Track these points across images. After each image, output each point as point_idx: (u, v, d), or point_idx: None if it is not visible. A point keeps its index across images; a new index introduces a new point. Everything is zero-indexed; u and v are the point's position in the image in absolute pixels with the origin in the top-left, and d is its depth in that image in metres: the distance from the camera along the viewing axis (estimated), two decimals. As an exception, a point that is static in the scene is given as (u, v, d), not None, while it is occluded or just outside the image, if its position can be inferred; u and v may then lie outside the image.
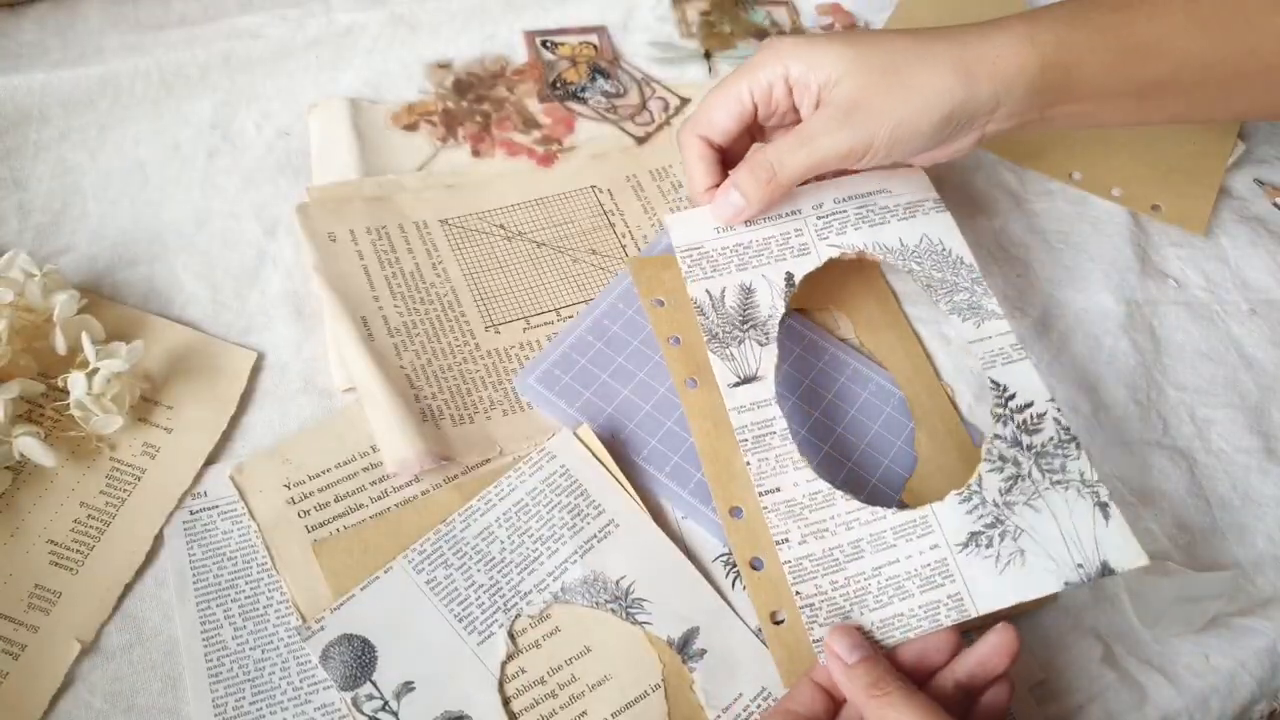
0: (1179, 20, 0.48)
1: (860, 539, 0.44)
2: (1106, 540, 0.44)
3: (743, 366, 0.47)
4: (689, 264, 0.49)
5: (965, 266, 0.51)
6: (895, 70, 0.46)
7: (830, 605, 0.42)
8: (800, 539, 0.43)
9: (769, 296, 0.49)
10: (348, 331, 0.50)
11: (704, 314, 0.48)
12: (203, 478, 0.47)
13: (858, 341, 0.55)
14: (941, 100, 0.46)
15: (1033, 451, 0.46)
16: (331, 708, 0.42)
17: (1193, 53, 0.48)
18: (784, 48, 0.48)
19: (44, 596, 0.43)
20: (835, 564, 0.43)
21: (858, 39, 0.48)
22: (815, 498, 0.44)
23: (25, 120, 0.57)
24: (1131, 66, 0.48)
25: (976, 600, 0.42)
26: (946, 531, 0.44)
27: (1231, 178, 0.67)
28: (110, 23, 0.62)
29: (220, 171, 0.58)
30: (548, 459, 0.48)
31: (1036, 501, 0.45)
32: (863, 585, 0.43)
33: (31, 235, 0.54)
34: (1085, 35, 0.47)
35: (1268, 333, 0.60)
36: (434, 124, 0.62)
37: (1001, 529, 0.44)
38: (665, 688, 0.44)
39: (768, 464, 0.45)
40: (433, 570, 0.45)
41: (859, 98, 0.46)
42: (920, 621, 0.42)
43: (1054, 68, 0.47)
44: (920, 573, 0.43)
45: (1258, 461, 0.55)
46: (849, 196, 0.52)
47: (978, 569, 0.43)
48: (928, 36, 0.48)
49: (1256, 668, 0.48)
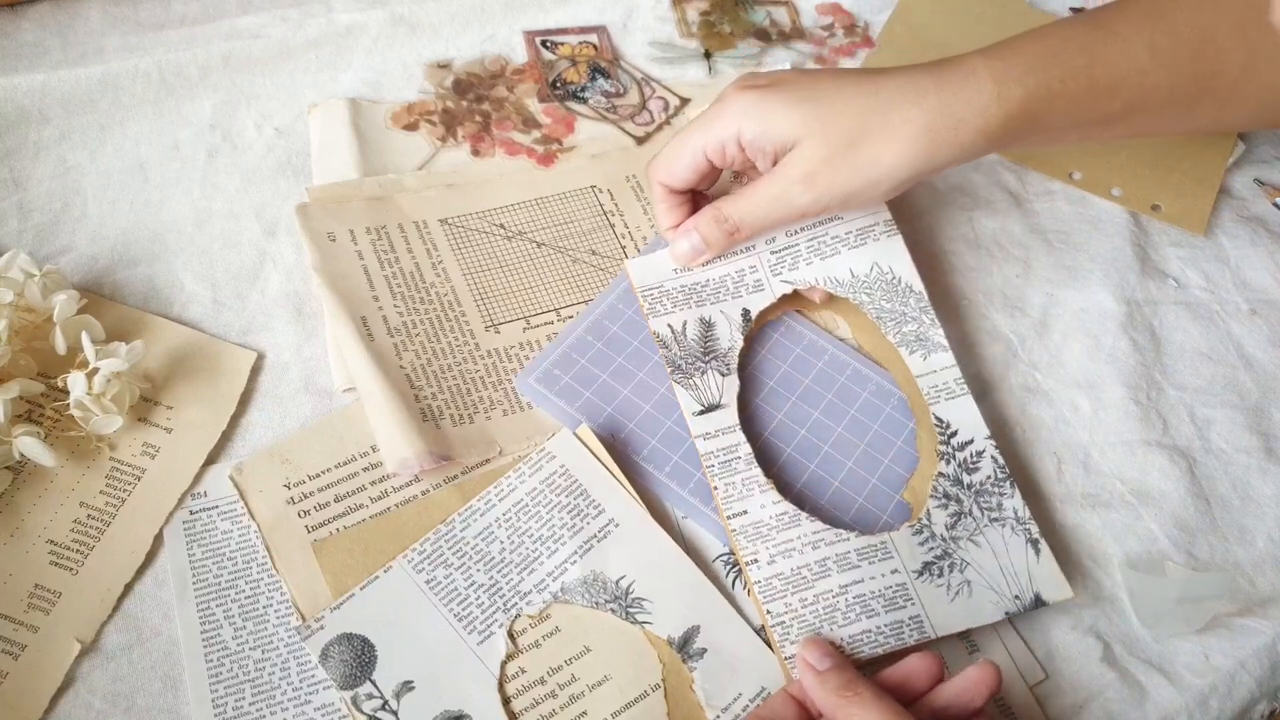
0: (1143, 56, 0.48)
1: (826, 558, 0.45)
2: (1039, 574, 0.47)
3: (706, 395, 0.49)
4: (650, 302, 0.52)
5: (914, 295, 0.53)
6: (855, 145, 0.46)
7: (801, 622, 0.44)
8: (769, 559, 0.45)
9: (728, 330, 0.51)
10: (347, 331, 0.50)
11: (666, 347, 0.50)
12: (203, 478, 0.47)
13: (856, 343, 0.55)
14: (899, 173, 0.47)
15: (972, 490, 0.48)
16: (331, 708, 0.42)
17: (1158, 85, 0.49)
18: (738, 106, 0.48)
19: (44, 596, 0.43)
20: (804, 582, 0.44)
21: (819, 94, 0.47)
22: (782, 519, 0.46)
23: (25, 120, 0.57)
24: (1097, 103, 0.49)
25: (934, 624, 0.45)
26: (903, 559, 0.46)
27: (1231, 178, 0.67)
28: (110, 23, 0.62)
29: (220, 171, 0.58)
30: (548, 459, 0.48)
31: (978, 537, 0.47)
32: (831, 603, 0.44)
33: (31, 235, 0.54)
34: (1052, 82, 0.47)
35: (1268, 333, 0.60)
36: (434, 124, 0.62)
37: (950, 561, 0.46)
38: (665, 687, 0.44)
39: (734, 488, 0.46)
40: (433, 570, 0.45)
41: (818, 169, 0.47)
42: (887, 639, 0.44)
43: (1020, 118, 0.47)
44: (884, 594, 0.45)
45: (1258, 461, 0.55)
46: (800, 229, 0.54)
47: (932, 596, 0.45)
48: (892, 94, 0.47)
49: (1256, 667, 0.48)
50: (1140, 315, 0.59)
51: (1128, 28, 0.48)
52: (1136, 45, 0.48)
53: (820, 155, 0.47)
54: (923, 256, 0.60)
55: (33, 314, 0.48)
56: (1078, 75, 0.47)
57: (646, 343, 0.52)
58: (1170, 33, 0.48)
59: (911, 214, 0.62)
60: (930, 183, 0.64)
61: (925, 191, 0.63)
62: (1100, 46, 0.48)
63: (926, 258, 0.60)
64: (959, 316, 0.58)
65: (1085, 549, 0.50)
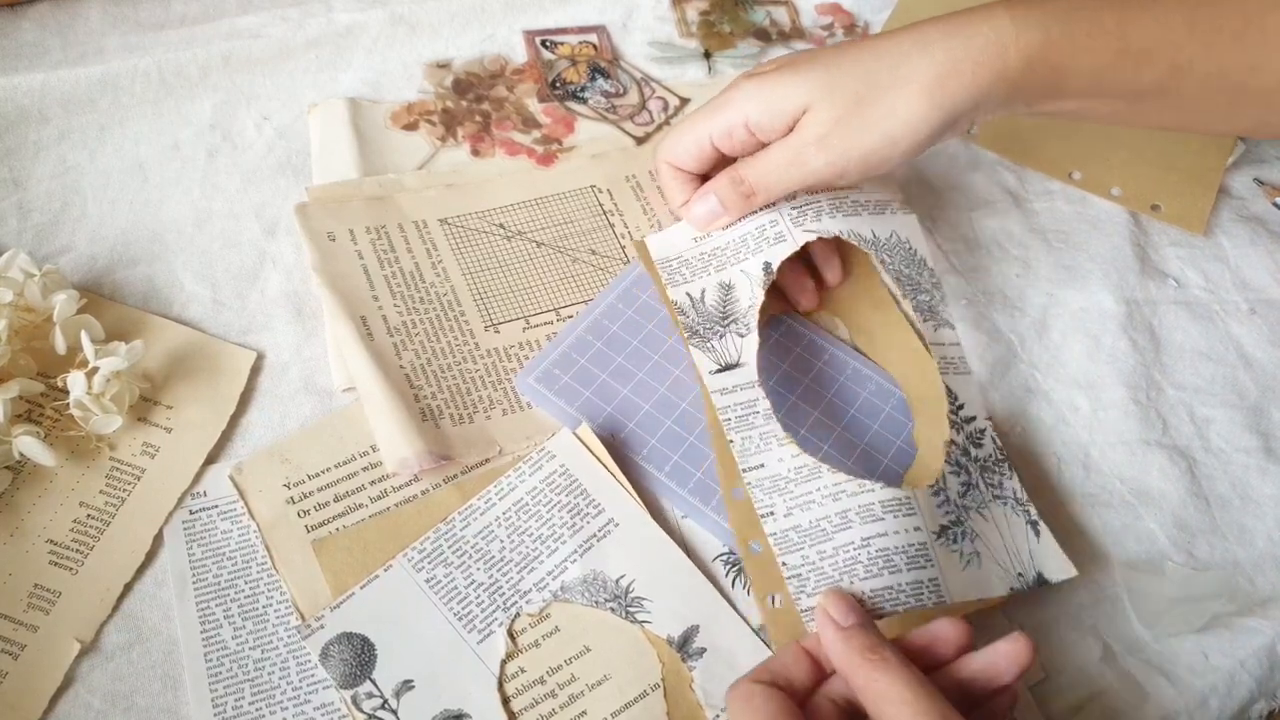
0: (1180, 27, 0.46)
1: (848, 510, 0.43)
2: (1040, 554, 0.47)
3: (723, 356, 0.48)
4: (668, 273, 0.51)
5: (928, 270, 0.53)
6: (868, 101, 0.46)
7: (819, 575, 0.42)
8: (785, 512, 0.43)
9: (748, 289, 0.50)
10: (347, 331, 0.50)
11: (684, 314, 0.50)
12: (202, 477, 0.47)
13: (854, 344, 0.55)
14: (915, 128, 0.46)
15: (978, 464, 0.48)
16: (331, 707, 0.42)
17: (1193, 62, 0.47)
18: (743, 92, 0.48)
19: (43, 596, 0.43)
20: (823, 534, 0.43)
21: (825, 61, 0.47)
22: (800, 471, 0.44)
23: (25, 120, 0.57)
24: (1126, 70, 0.47)
25: (950, 589, 0.43)
26: (925, 518, 0.44)
27: (1231, 177, 0.67)
28: (110, 23, 0.62)
29: (220, 171, 0.58)
30: (547, 458, 0.48)
31: (985, 510, 0.46)
32: (852, 555, 0.42)
33: (31, 235, 0.54)
34: (1078, 34, 0.46)
35: (1267, 332, 0.60)
36: (434, 124, 0.62)
37: (962, 529, 0.45)
38: (664, 687, 0.44)
39: (751, 442, 0.45)
40: (432, 569, 0.45)
41: (831, 130, 0.46)
42: (908, 598, 0.42)
43: (1040, 65, 0.46)
44: (906, 550, 0.43)
45: (1257, 461, 0.55)
46: (821, 191, 0.53)
47: (947, 560, 0.44)
48: (903, 47, 0.46)
49: (1255, 667, 0.48)
50: (1140, 315, 0.59)
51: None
52: (1174, 15, 0.46)
53: (832, 116, 0.46)
54: (922, 256, 0.61)
55: (33, 314, 0.48)
56: (1106, 31, 0.46)
57: (646, 342, 0.52)
58: (1212, 11, 0.46)
59: (911, 214, 0.62)
60: (930, 182, 0.64)
61: (925, 191, 0.63)
62: (1134, 8, 0.46)
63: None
64: (959, 316, 0.58)
65: (1085, 549, 0.50)
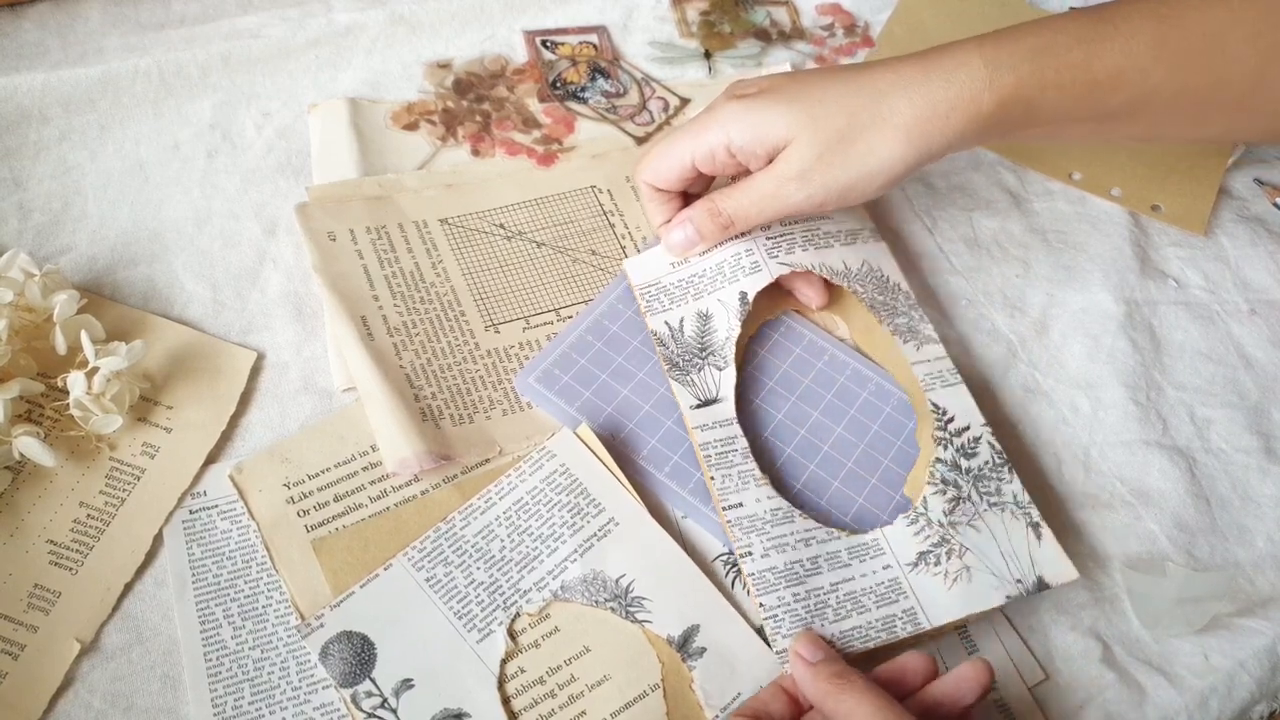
0: (1145, 54, 0.47)
1: (818, 556, 0.45)
2: (1040, 557, 0.47)
3: (703, 391, 0.49)
4: (647, 300, 0.52)
5: (903, 293, 0.55)
6: (849, 139, 0.47)
7: (793, 616, 0.44)
8: (763, 552, 0.45)
9: (725, 319, 0.51)
10: (347, 331, 0.50)
11: (664, 345, 0.51)
12: (202, 477, 0.47)
13: (855, 343, 0.55)
14: (893, 166, 0.47)
15: (970, 475, 0.48)
16: (330, 707, 0.42)
17: (1160, 85, 0.48)
18: (726, 115, 0.48)
19: (43, 596, 0.43)
20: (796, 577, 0.45)
21: (809, 94, 0.48)
22: (776, 513, 0.46)
23: (25, 120, 0.57)
24: (1095, 98, 0.48)
25: (929, 614, 0.45)
26: (897, 553, 0.46)
27: (1231, 178, 0.67)
28: (110, 23, 0.62)
29: (220, 171, 0.58)
30: (548, 458, 0.48)
31: (977, 522, 0.47)
32: (822, 599, 0.44)
33: (31, 235, 0.54)
34: (1047, 71, 0.47)
35: (1267, 333, 0.60)
36: (434, 124, 0.62)
37: (947, 548, 0.46)
38: (664, 687, 0.44)
39: (730, 480, 0.47)
40: (433, 568, 0.45)
41: (812, 166, 0.47)
42: (879, 633, 0.44)
43: (1013, 104, 0.47)
44: (875, 590, 0.45)
45: (1257, 461, 0.55)
46: (795, 221, 0.54)
47: (928, 585, 0.45)
48: (882, 86, 0.47)
49: (1256, 668, 0.48)
50: (1140, 315, 0.59)
51: (1130, 25, 0.48)
52: (1139, 43, 0.47)
53: (814, 153, 0.47)
54: (922, 256, 0.60)
55: (33, 314, 0.48)
56: (1075, 67, 0.47)
57: (646, 343, 0.52)
58: (1176, 34, 0.47)
59: (911, 214, 0.62)
60: (930, 183, 0.64)
61: (925, 191, 0.63)
62: (1100, 41, 0.47)
63: (926, 257, 0.60)
64: (959, 316, 0.58)
65: (1085, 549, 0.50)
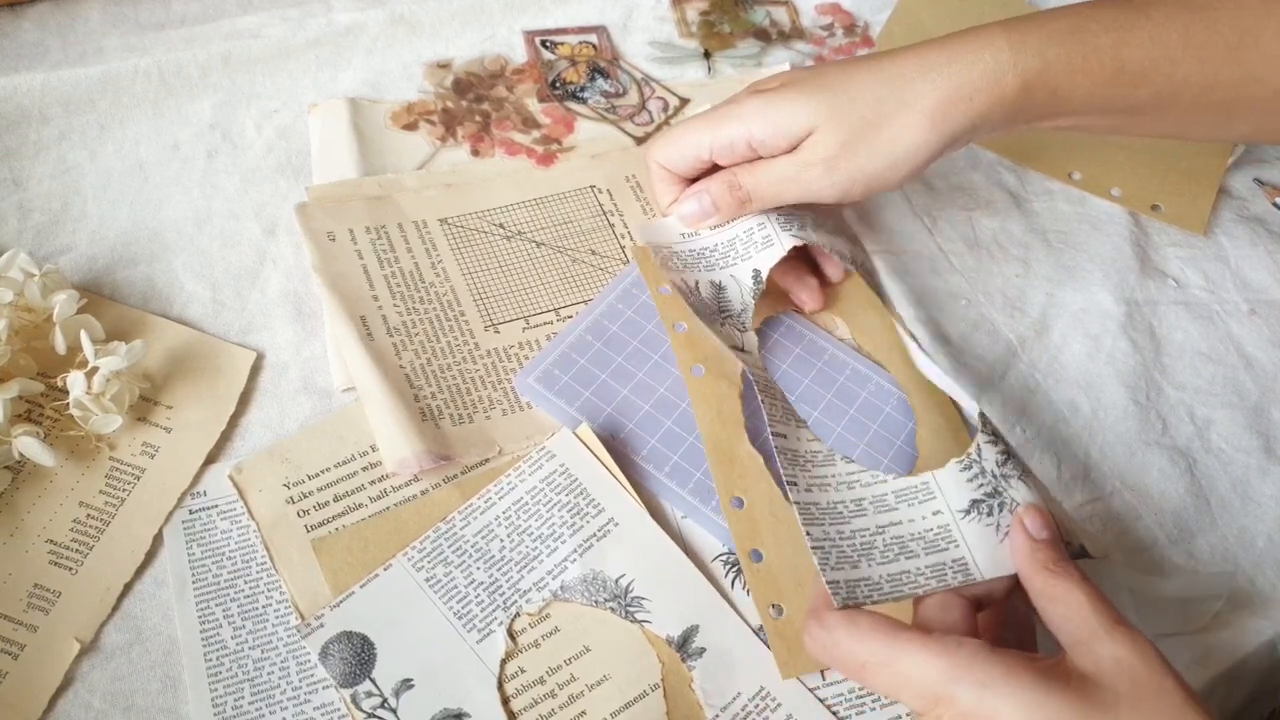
0: (1175, 44, 0.47)
1: (862, 498, 0.44)
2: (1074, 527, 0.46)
3: (730, 339, 0.49)
4: (661, 259, 0.52)
5: None
6: (874, 127, 0.46)
7: (839, 553, 0.42)
8: (806, 487, 0.44)
9: (739, 295, 0.51)
10: (347, 331, 0.50)
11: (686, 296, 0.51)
12: (202, 477, 0.47)
13: (855, 343, 0.55)
14: (918, 153, 0.47)
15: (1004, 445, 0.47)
16: (330, 707, 0.42)
17: (1189, 78, 0.47)
18: (748, 109, 0.48)
19: (43, 596, 0.43)
20: (840, 517, 0.43)
21: (832, 83, 0.47)
22: (816, 455, 0.45)
23: (25, 120, 0.57)
24: (1123, 88, 0.47)
25: (981, 566, 0.42)
26: (949, 498, 0.44)
27: (1231, 177, 0.67)
28: (110, 23, 0.62)
29: (220, 171, 0.58)
30: (547, 458, 0.48)
31: (1027, 479, 0.45)
32: (868, 540, 0.43)
33: (31, 235, 0.54)
34: (1074, 57, 0.46)
35: (1267, 333, 0.60)
36: (433, 124, 0.62)
37: (1000, 499, 0.44)
38: (664, 687, 0.44)
39: (776, 410, 0.46)
40: (432, 568, 0.45)
41: (838, 154, 0.47)
42: (928, 580, 0.42)
43: (1038, 90, 0.46)
44: (924, 536, 0.43)
45: (1258, 461, 0.55)
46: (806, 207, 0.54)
47: (980, 536, 0.43)
48: (906, 71, 0.47)
49: (1256, 667, 0.48)
50: (1140, 315, 0.59)
51: (1161, 13, 0.47)
52: (1169, 33, 0.46)
53: (839, 140, 0.47)
54: (922, 256, 0.60)
55: (33, 314, 0.48)
56: (1102, 53, 0.46)
57: (646, 342, 0.52)
58: (1208, 27, 0.47)
59: (911, 214, 0.62)
60: (930, 182, 0.64)
61: (925, 191, 0.63)
62: (1130, 29, 0.47)
63: (926, 257, 0.60)
64: (959, 316, 0.58)
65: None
